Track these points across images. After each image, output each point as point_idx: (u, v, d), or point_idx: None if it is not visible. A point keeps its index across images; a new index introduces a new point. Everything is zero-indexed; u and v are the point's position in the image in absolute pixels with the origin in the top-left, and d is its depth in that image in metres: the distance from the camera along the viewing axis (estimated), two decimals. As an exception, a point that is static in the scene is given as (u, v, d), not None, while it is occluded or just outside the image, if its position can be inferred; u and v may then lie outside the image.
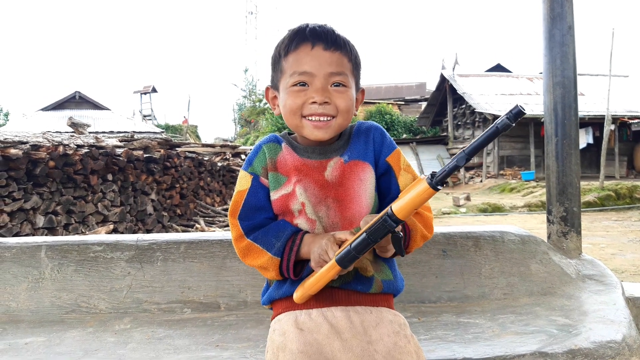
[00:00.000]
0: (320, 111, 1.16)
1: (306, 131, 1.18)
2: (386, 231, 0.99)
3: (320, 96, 1.15)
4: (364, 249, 1.02)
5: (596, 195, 12.72)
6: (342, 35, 1.21)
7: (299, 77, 1.17)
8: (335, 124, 1.18)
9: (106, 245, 1.90)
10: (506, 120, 0.87)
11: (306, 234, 1.18)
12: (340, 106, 1.17)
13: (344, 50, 1.19)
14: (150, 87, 37.11)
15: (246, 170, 1.24)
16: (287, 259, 1.16)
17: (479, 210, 12.10)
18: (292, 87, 1.18)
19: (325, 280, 1.09)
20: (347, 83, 1.19)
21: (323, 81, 1.16)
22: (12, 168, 5.37)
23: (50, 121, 23.29)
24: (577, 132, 2.16)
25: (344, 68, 1.18)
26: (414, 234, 1.18)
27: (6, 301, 1.82)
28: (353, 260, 1.04)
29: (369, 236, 1.01)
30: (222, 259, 1.87)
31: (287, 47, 1.19)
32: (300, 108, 1.17)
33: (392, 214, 0.98)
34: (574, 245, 2.13)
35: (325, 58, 1.16)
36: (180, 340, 1.58)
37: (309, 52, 1.17)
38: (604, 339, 1.45)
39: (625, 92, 20.34)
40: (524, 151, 19.39)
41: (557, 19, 2.14)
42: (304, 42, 1.17)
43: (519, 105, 0.86)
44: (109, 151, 6.92)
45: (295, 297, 1.15)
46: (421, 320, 1.71)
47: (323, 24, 1.20)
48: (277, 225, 1.20)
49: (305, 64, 1.16)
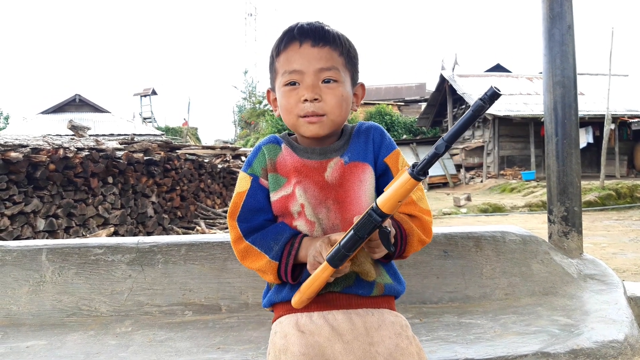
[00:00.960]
0: (312, 110, 1.16)
1: (302, 129, 1.18)
2: (372, 226, 0.99)
3: (310, 93, 1.15)
4: (352, 246, 1.01)
5: (597, 195, 12.71)
6: (333, 30, 1.20)
7: (289, 76, 1.17)
8: (327, 120, 1.17)
9: (107, 248, 1.90)
10: (480, 102, 0.86)
11: (305, 238, 1.17)
12: (331, 102, 1.17)
13: (333, 45, 1.18)
14: (150, 89, 37.15)
15: (245, 171, 1.24)
16: (285, 263, 1.16)
17: (479, 211, 12.09)
18: (285, 87, 1.18)
19: (320, 282, 1.08)
20: (339, 78, 1.18)
21: (313, 78, 1.16)
22: (12, 171, 5.37)
23: (50, 124, 23.32)
24: (577, 132, 2.16)
25: (334, 62, 1.18)
26: (410, 238, 1.17)
27: (7, 304, 1.82)
28: (343, 258, 1.03)
29: (356, 232, 1.00)
30: (223, 261, 1.87)
31: (278, 48, 1.20)
32: (294, 107, 1.17)
33: (376, 208, 0.97)
34: (575, 244, 2.13)
35: (314, 54, 1.16)
36: (181, 342, 1.58)
37: (297, 50, 1.17)
38: (606, 339, 1.45)
39: (625, 91, 20.34)
40: (524, 151, 19.38)
41: (556, 18, 2.14)
42: (293, 41, 1.18)
43: (493, 86, 0.86)
44: (110, 154, 6.92)
45: (293, 302, 1.14)
46: (423, 321, 1.71)
47: (312, 22, 1.20)
48: (275, 228, 1.20)
49: (295, 62, 1.17)
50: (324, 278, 1.07)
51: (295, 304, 1.14)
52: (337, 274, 1.09)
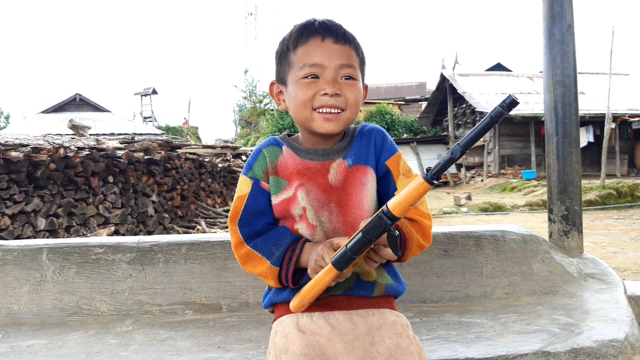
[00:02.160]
0: (332, 103, 1.15)
1: (316, 124, 1.17)
2: (382, 229, 0.98)
3: (331, 87, 1.15)
4: (360, 249, 1.00)
5: (597, 194, 12.70)
6: (349, 31, 1.21)
7: (310, 69, 1.16)
8: (344, 117, 1.17)
9: (107, 247, 1.90)
10: (499, 109, 0.86)
11: (307, 243, 1.16)
12: (350, 99, 1.17)
13: (352, 44, 1.19)
14: (151, 88, 37.15)
15: (246, 174, 1.23)
16: (285, 269, 1.15)
17: (480, 210, 12.08)
18: (303, 80, 1.16)
19: (322, 286, 1.07)
20: (356, 76, 1.19)
21: (334, 73, 1.16)
22: (13, 171, 5.37)
23: (50, 123, 23.35)
24: (578, 131, 2.16)
25: (353, 61, 1.19)
26: (410, 242, 1.16)
27: (8, 304, 1.83)
28: (349, 261, 1.02)
29: (365, 235, 0.99)
30: (224, 260, 1.87)
31: (297, 41, 1.19)
32: (311, 100, 1.16)
33: (387, 211, 0.97)
34: (575, 244, 2.13)
35: (336, 50, 1.16)
36: (182, 341, 1.58)
37: (319, 44, 1.17)
38: (606, 338, 1.45)
39: (625, 90, 20.33)
40: (524, 150, 19.38)
41: (557, 17, 2.13)
42: (314, 35, 1.17)
43: (512, 95, 0.86)
44: (110, 153, 6.92)
45: (291, 305, 1.13)
46: (423, 320, 1.71)
47: (330, 19, 1.21)
48: (277, 233, 1.19)
49: (316, 56, 1.16)
50: (326, 282, 1.06)
51: (294, 307, 1.12)
52: (338, 279, 1.08)
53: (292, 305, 1.13)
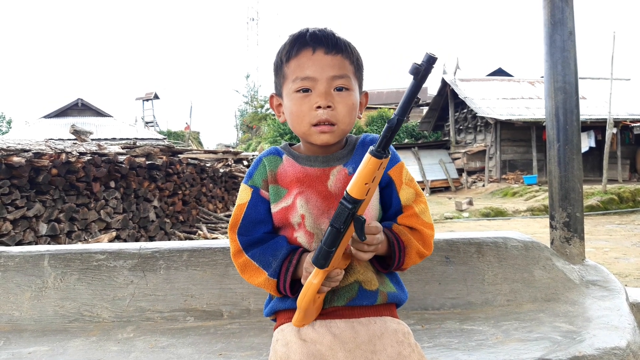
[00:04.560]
0: (325, 117, 1.15)
1: (313, 137, 1.18)
2: (346, 214, 0.99)
3: (323, 100, 1.14)
4: (333, 242, 1.01)
5: (599, 199, 12.68)
6: (343, 38, 1.20)
7: (301, 83, 1.16)
8: (338, 130, 1.17)
9: (109, 253, 1.91)
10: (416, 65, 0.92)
11: (304, 253, 1.16)
12: (342, 112, 1.16)
13: (345, 53, 1.18)
14: (153, 93, 37.26)
15: (246, 183, 1.23)
16: (283, 280, 1.15)
17: (481, 215, 12.07)
18: (296, 94, 1.17)
19: (313, 290, 1.07)
20: (350, 86, 1.18)
21: (326, 85, 1.15)
22: (14, 176, 5.38)
23: (52, 129, 23.42)
24: (579, 138, 2.16)
25: (346, 71, 1.18)
26: (409, 250, 1.17)
27: (10, 310, 1.83)
28: (327, 256, 1.02)
29: (332, 225, 1.01)
30: (225, 266, 1.87)
31: (289, 53, 1.19)
32: (305, 114, 1.16)
33: (346, 195, 0.99)
34: (577, 250, 2.12)
35: (327, 62, 1.16)
36: (183, 349, 1.58)
37: (310, 57, 1.16)
38: (608, 346, 1.45)
39: (627, 95, 20.31)
40: (526, 155, 19.35)
41: (557, 24, 2.14)
42: (305, 47, 1.17)
43: (428, 52, 0.92)
44: (112, 158, 6.93)
45: (293, 321, 1.14)
46: (424, 327, 1.71)
47: (323, 28, 1.20)
48: (275, 243, 1.19)
49: (307, 68, 1.16)
50: (315, 285, 1.06)
51: (296, 322, 1.13)
52: (330, 282, 1.08)
53: (294, 320, 1.13)
